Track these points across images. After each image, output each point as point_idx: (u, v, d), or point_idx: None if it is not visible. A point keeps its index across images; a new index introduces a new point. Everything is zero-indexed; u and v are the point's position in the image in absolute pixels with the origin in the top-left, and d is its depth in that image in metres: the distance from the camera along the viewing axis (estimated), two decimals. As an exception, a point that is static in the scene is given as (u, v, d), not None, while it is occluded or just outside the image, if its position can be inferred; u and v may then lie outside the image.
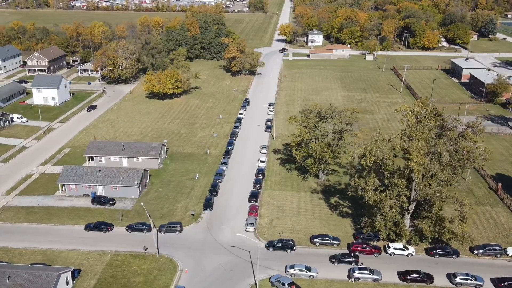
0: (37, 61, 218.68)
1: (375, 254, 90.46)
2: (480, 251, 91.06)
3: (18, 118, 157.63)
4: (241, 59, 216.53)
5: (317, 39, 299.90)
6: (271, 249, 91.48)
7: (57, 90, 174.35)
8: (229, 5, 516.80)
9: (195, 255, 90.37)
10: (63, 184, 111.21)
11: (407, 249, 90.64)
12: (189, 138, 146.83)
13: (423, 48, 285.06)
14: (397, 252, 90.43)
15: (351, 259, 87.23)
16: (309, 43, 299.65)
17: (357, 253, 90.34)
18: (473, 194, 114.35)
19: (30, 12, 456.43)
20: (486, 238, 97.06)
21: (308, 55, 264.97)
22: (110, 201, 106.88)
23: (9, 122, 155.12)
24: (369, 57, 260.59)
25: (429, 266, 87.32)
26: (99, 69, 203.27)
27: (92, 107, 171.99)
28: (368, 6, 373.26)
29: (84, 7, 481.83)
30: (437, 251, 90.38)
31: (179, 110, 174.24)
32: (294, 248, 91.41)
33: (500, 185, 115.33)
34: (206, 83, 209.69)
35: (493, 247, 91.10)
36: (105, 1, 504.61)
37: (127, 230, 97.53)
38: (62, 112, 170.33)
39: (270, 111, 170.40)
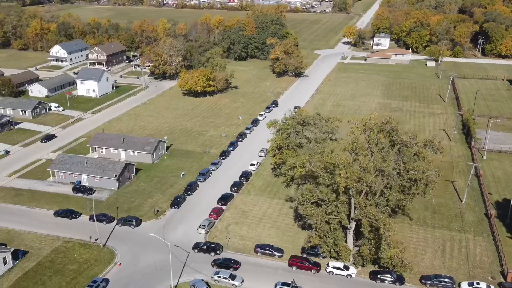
0: (97, 55, 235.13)
1: (313, 271, 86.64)
2: (429, 281, 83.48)
3: (55, 107, 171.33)
4: (285, 60, 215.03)
5: (383, 42, 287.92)
6: (196, 250, 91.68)
7: (97, 83, 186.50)
8: (315, 5, 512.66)
9: (137, 250, 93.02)
10: (54, 171, 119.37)
11: (347, 269, 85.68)
12: (197, 137, 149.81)
13: (500, 56, 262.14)
14: (336, 271, 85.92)
15: (230, 265, 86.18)
16: (374, 47, 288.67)
17: (294, 268, 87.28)
18: (462, 218, 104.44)
19: (124, 9, 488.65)
20: (448, 268, 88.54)
21: (365, 59, 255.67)
22: (88, 190, 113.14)
23: (46, 111, 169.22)
24: (431, 63, 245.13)
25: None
26: (147, 64, 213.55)
27: (48, 138, 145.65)
28: (453, 8, 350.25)
29: (174, 5, 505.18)
30: (379, 276, 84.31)
31: (205, 108, 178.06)
32: (218, 252, 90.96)
33: (493, 212, 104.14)
34: (247, 83, 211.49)
35: (444, 279, 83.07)
36: (195, 0, 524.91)
37: (89, 219, 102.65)
38: (99, 104, 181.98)
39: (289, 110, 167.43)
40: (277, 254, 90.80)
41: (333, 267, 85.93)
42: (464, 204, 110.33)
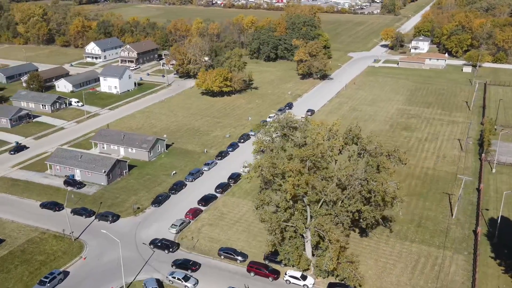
0: (128, 53, 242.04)
1: (270, 279, 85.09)
2: (387, 298, 79.84)
3: (75, 102, 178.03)
4: (309, 62, 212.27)
5: (422, 45, 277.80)
6: (152, 246, 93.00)
7: (119, 80, 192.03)
8: (364, 7, 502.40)
9: (106, 245, 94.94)
10: (51, 164, 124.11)
11: (305, 279, 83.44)
12: (201, 136, 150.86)
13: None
14: (292, 280, 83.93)
15: (189, 266, 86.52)
16: (412, 50, 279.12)
17: (252, 274, 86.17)
18: (446, 234, 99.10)
19: (173, 8, 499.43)
20: (413, 286, 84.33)
21: (397, 63, 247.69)
22: (78, 184, 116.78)
23: (66, 105, 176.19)
24: (467, 69, 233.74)
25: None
26: (172, 63, 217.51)
27: (17, 150, 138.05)
28: (504, 11, 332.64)
29: (222, 5, 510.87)
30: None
31: (218, 108, 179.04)
32: (173, 250, 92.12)
33: (480, 229, 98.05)
34: (269, 84, 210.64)
35: (403, 297, 79.09)
36: (246, 0, 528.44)
37: (71, 212, 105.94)
38: (118, 100, 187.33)
39: (302, 117, 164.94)
40: (239, 258, 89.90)
41: (290, 276, 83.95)
42: (453, 219, 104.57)
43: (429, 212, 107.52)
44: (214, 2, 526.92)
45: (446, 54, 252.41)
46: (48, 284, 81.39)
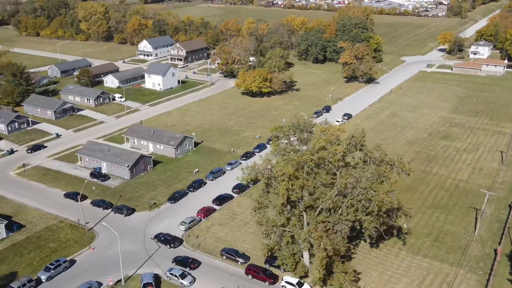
0: (177, 51, 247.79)
1: (266, 283, 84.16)
2: (382, 313, 76.65)
3: (118, 97, 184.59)
4: (354, 65, 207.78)
5: (482, 51, 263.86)
6: (155, 240, 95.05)
7: (162, 77, 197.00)
8: (429, 9, 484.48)
9: (115, 237, 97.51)
10: (81, 156, 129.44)
11: (301, 286, 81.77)
12: (231, 136, 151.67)
13: None
14: (288, 287, 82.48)
15: (188, 263, 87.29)
16: (471, 55, 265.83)
17: (249, 276, 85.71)
18: (464, 251, 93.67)
19: (234, 8, 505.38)
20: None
21: (451, 68, 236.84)
22: (102, 177, 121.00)
23: (109, 100, 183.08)
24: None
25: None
26: (217, 62, 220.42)
27: (34, 149, 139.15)
28: None
29: (282, 6, 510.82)
30: (330, 298, 79.38)
31: (255, 108, 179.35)
32: (174, 245, 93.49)
33: (501, 248, 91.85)
34: (311, 86, 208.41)
35: (399, 314, 75.59)
36: (304, 1, 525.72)
37: (90, 203, 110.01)
38: (160, 97, 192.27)
39: (337, 121, 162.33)
40: (240, 260, 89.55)
41: (286, 282, 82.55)
42: (475, 236, 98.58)
43: (450, 227, 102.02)
44: (274, 2, 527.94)
45: (506, 60, 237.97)
46: (52, 271, 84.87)
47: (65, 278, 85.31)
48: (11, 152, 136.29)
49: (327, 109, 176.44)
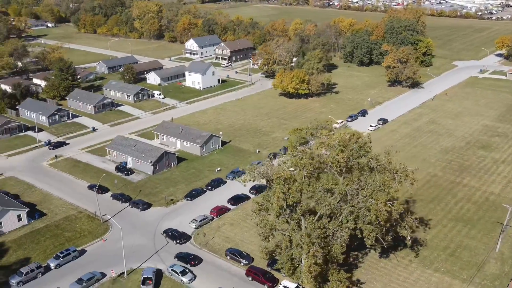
0: (222, 51, 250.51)
1: (265, 286, 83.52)
2: (378, 326, 74.01)
3: (157, 94, 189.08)
4: (397, 69, 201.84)
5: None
6: (164, 235, 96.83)
7: (201, 76, 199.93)
8: (494, 12, 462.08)
9: (129, 231, 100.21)
10: (110, 150, 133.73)
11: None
12: (260, 136, 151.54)
13: None
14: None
15: (188, 260, 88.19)
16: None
17: (249, 278, 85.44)
18: (480, 268, 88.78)
19: (289, 8, 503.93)
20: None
21: (505, 75, 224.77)
22: (126, 171, 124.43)
23: (148, 97, 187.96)
24: None
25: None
26: (258, 62, 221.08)
27: (56, 146, 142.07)
28: None
29: (338, 7, 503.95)
30: (327, 306, 77.60)
31: (289, 110, 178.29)
32: (180, 242, 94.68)
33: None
34: (352, 89, 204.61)
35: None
36: (361, 2, 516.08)
37: (111, 196, 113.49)
38: (198, 95, 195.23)
39: (370, 126, 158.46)
40: (243, 261, 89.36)
41: (284, 287, 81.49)
42: (496, 253, 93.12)
43: (471, 242, 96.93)
44: (331, 3, 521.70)
45: None
46: (61, 259, 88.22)
47: (73, 266, 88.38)
48: (48, 143, 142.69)
49: (363, 113, 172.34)
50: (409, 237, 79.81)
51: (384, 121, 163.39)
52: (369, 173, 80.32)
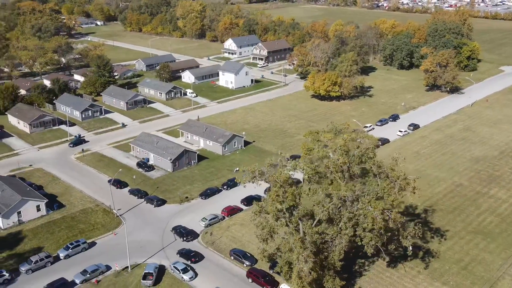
0: (259, 51, 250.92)
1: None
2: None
3: (189, 93, 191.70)
4: (435, 73, 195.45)
5: None
6: (172, 231, 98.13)
7: (235, 76, 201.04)
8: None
9: (140, 226, 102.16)
10: (134, 146, 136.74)
11: (296, 297, 79.35)
12: (284, 138, 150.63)
13: None
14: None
15: (189, 256, 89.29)
16: None
17: (250, 280, 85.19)
18: (492, 284, 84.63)
19: (335, 9, 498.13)
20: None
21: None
22: (147, 167, 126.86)
23: (180, 95, 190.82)
24: None
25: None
26: (293, 62, 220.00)
27: (76, 143, 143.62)
28: None
29: (387, 8, 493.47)
30: (322, 313, 76.14)
31: (319, 112, 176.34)
32: (187, 239, 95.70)
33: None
34: (386, 93, 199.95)
35: None
36: (411, 3, 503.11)
37: (128, 191, 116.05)
38: (230, 95, 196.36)
39: (399, 131, 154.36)
40: (246, 262, 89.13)
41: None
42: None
43: (487, 256, 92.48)
44: (379, 4, 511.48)
45: None
46: (70, 250, 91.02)
47: (81, 258, 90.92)
48: (78, 137, 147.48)
49: (394, 118, 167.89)
50: (410, 248, 76.92)
51: (415, 126, 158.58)
52: (372, 179, 78.05)
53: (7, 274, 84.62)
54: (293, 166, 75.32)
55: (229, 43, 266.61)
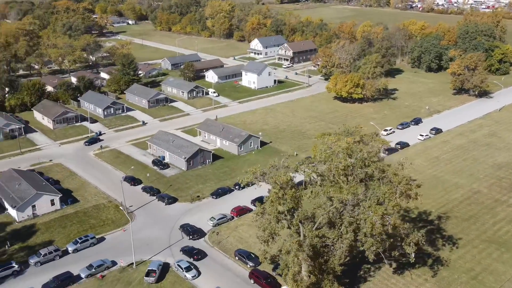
0: (285, 51, 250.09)
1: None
2: None
3: (212, 92, 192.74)
4: (462, 76, 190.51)
5: None
6: (180, 229, 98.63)
7: (257, 76, 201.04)
8: None
9: (149, 223, 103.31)
10: (150, 144, 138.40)
11: (294, 300, 78.62)
12: (302, 139, 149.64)
13: None
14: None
15: (192, 254, 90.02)
16: None
17: (252, 281, 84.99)
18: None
19: (368, 10, 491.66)
20: None
21: None
22: (162, 165, 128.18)
23: (202, 94, 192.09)
24: None
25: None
26: (317, 63, 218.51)
27: (91, 142, 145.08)
28: None
29: (421, 9, 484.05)
30: (320, 318, 75.19)
31: (340, 114, 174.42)
32: (193, 237, 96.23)
33: (545, 301, 78.27)
34: (411, 96, 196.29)
35: None
36: (446, 4, 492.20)
37: (141, 189, 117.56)
38: (252, 95, 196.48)
39: (420, 135, 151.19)
40: (250, 263, 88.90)
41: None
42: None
43: (500, 266, 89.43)
44: (413, 5, 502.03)
45: None
46: (79, 244, 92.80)
47: (89, 252, 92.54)
48: (99, 134, 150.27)
49: (417, 121, 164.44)
50: (412, 255, 74.99)
51: (437, 130, 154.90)
52: (376, 184, 76.55)
53: (17, 266, 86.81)
54: (295, 168, 74.48)
55: (255, 43, 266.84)
